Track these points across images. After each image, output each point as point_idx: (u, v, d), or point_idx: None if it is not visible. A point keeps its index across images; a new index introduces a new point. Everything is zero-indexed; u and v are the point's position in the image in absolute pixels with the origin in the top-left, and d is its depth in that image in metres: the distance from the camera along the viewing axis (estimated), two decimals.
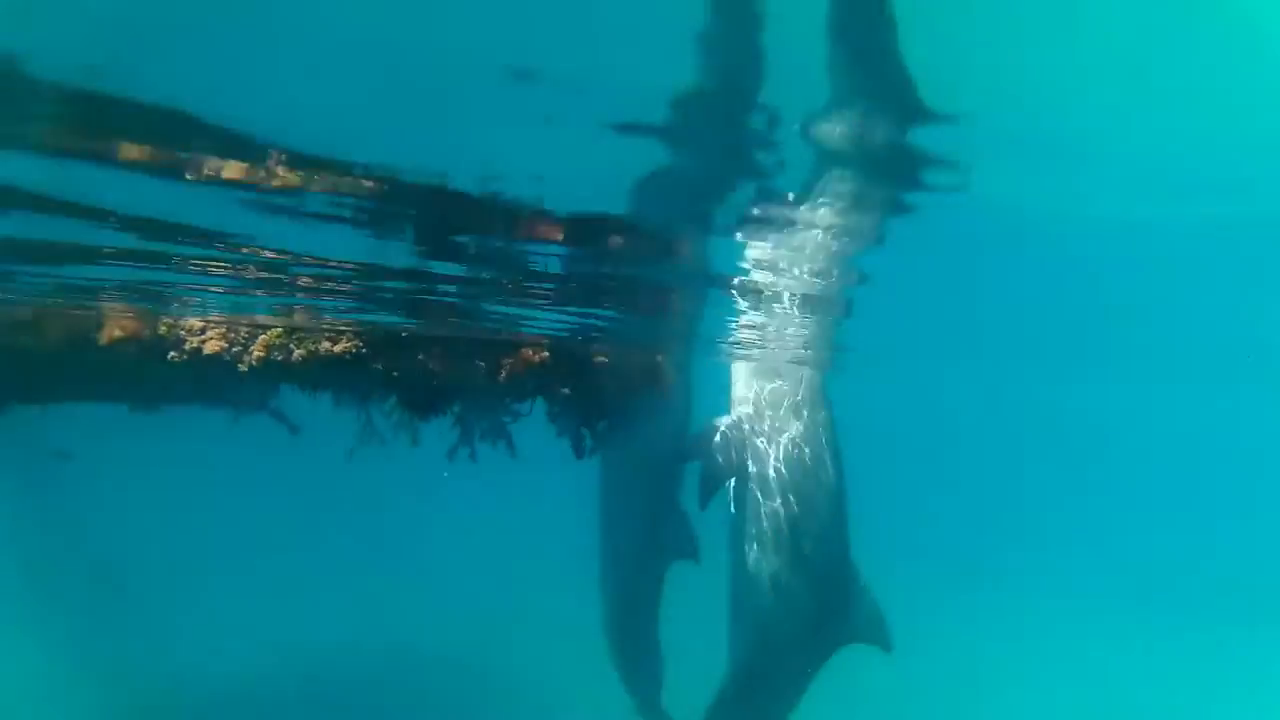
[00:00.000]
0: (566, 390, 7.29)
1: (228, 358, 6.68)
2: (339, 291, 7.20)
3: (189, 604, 20.38)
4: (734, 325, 9.10)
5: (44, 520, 21.80)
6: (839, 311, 8.67)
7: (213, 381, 9.09)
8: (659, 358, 8.29)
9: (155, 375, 7.25)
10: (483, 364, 6.76)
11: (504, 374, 6.75)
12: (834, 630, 8.39)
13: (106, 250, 5.85)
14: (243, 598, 21.08)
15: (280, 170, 4.16)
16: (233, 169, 4.16)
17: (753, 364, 9.48)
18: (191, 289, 7.14)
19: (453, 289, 7.05)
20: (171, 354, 6.77)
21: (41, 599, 18.28)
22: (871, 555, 9.03)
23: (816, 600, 8.34)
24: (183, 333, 6.76)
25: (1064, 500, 56.00)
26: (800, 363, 11.22)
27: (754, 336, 9.65)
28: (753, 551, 8.55)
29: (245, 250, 5.80)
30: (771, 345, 10.28)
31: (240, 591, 21.63)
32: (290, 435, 11.14)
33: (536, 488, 31.53)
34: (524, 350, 7.02)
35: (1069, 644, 26.56)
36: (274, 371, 6.72)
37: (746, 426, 8.61)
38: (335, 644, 18.88)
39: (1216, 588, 36.07)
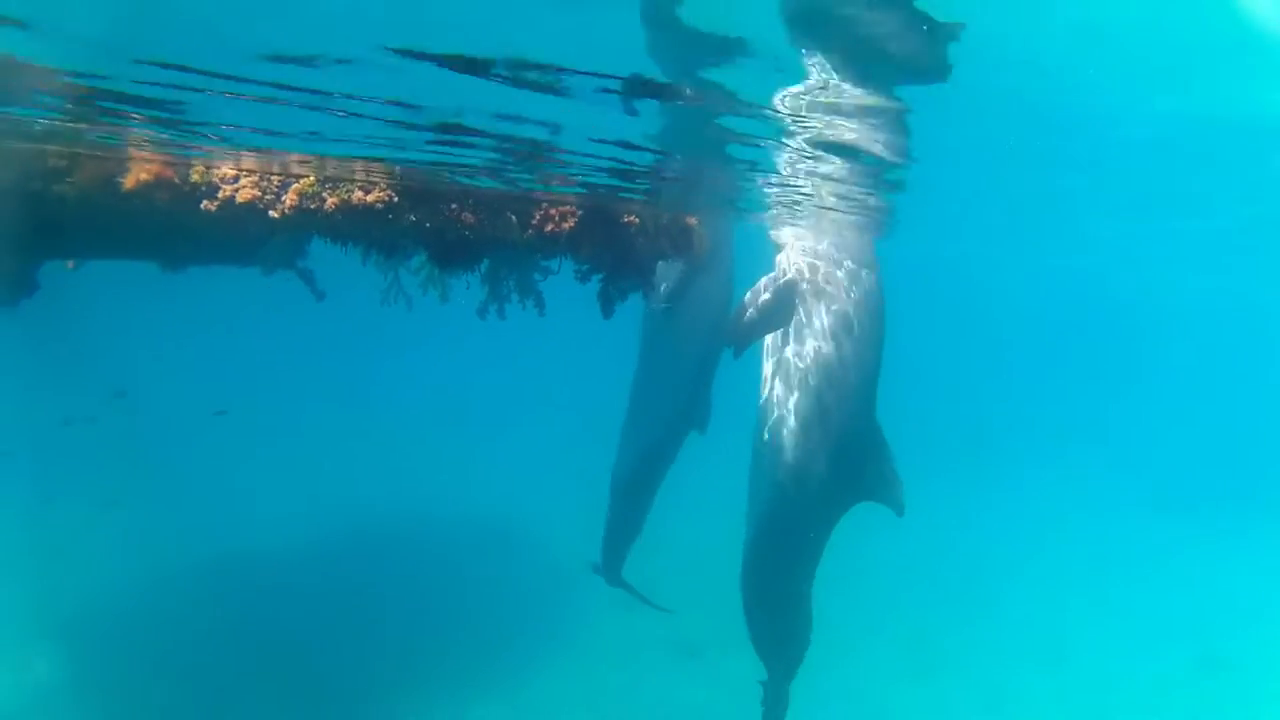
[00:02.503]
0: (596, 248, 7.30)
1: (260, 205, 6.68)
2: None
3: (220, 470, 21.09)
4: (779, 188, 9.02)
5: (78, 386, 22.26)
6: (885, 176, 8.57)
7: (244, 240, 9.16)
8: (691, 220, 8.24)
9: (186, 229, 7.29)
10: (514, 217, 6.75)
11: (534, 228, 6.74)
12: (850, 487, 8.63)
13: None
14: (272, 462, 21.80)
15: None
16: None
17: (801, 226, 9.50)
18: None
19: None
20: (205, 203, 6.78)
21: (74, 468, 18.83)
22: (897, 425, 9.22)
23: (837, 456, 8.57)
24: (216, 180, 6.75)
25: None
26: (850, 226, 11.23)
27: (800, 198, 9.58)
28: (781, 407, 8.75)
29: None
30: (818, 208, 10.22)
31: (269, 456, 22.34)
32: (317, 300, 11.28)
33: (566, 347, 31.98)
34: (553, 208, 7.00)
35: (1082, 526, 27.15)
36: (306, 221, 6.74)
37: (792, 281, 8.70)
38: (358, 505, 19.58)
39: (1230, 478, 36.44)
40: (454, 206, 6.66)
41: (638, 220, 7.35)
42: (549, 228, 6.85)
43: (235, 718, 12.16)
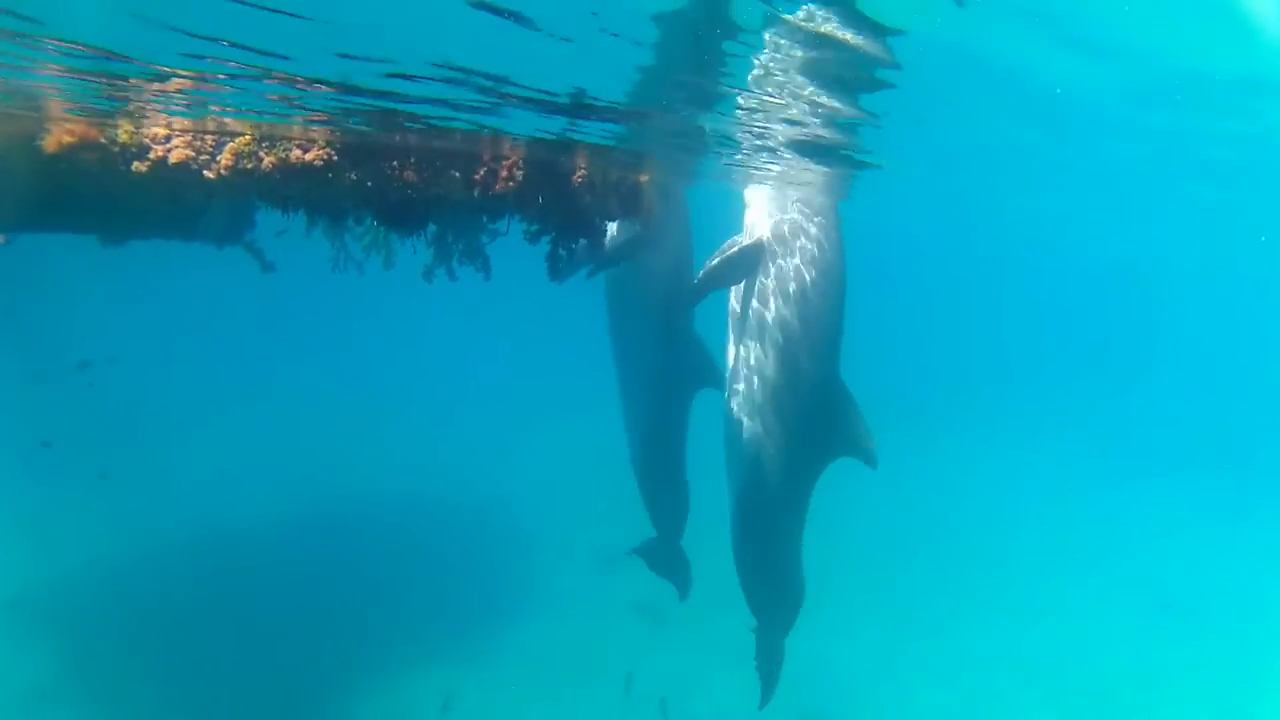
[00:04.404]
0: (543, 207, 7.17)
1: (195, 166, 6.47)
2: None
3: (192, 446, 20.76)
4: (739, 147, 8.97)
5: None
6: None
7: (185, 209, 8.89)
8: (641, 178, 8.14)
9: (119, 196, 7.05)
10: (459, 174, 6.60)
11: (480, 184, 6.60)
12: (823, 445, 8.68)
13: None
14: (244, 439, 21.47)
15: None
16: None
17: (765, 188, 9.47)
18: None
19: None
20: (135, 164, 6.54)
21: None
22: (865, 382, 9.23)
23: (807, 416, 8.62)
24: (146, 140, 6.51)
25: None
26: (816, 187, 11.22)
27: (761, 159, 9.54)
28: (749, 371, 8.77)
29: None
30: (780, 170, 10.18)
31: (241, 433, 22.01)
32: (263, 272, 11.02)
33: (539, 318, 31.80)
34: (500, 163, 6.85)
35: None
36: (243, 182, 6.53)
37: (756, 244, 8.69)
38: (335, 481, 19.38)
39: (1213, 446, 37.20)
40: (395, 164, 6.50)
41: (585, 174, 7.23)
42: (495, 185, 6.71)
43: (217, 689, 12.08)
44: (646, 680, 13.54)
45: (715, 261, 8.61)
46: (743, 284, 8.98)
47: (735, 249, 8.67)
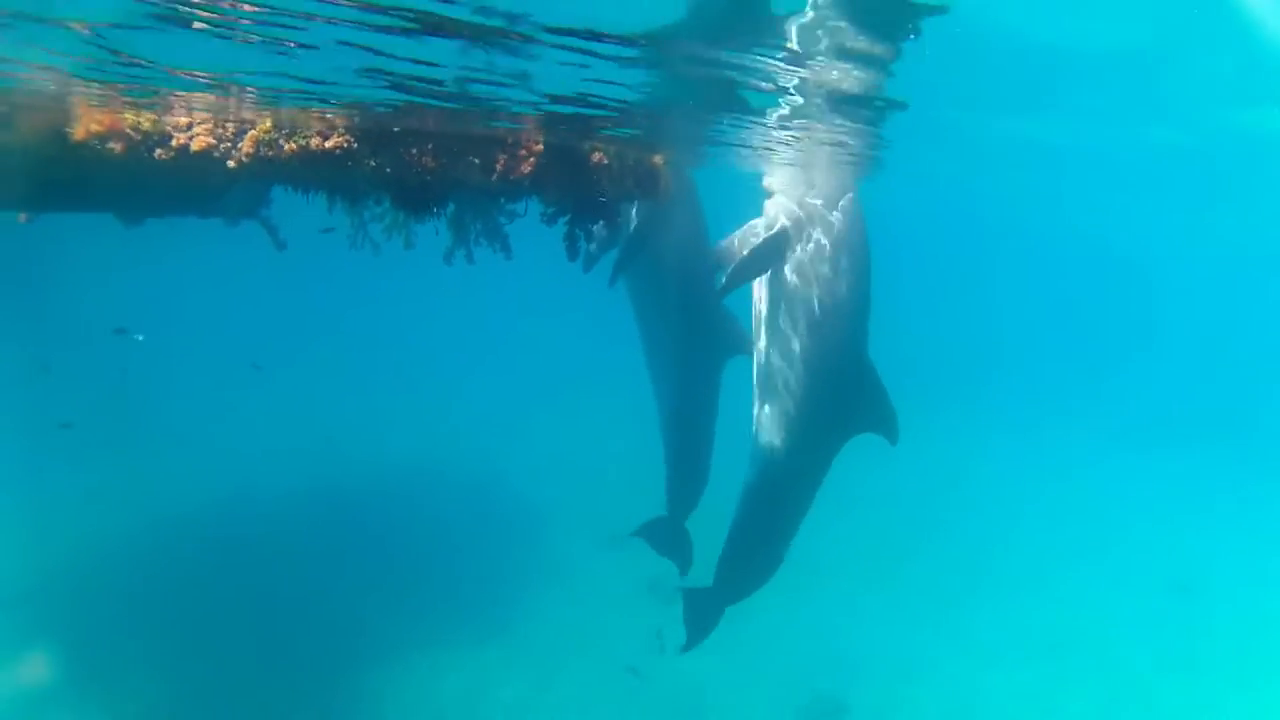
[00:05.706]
0: (560, 189, 7.22)
1: (216, 154, 6.53)
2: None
3: (201, 420, 20.95)
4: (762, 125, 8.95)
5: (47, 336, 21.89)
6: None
7: (204, 190, 8.96)
8: (656, 159, 8.17)
9: (143, 180, 7.12)
10: (477, 160, 6.65)
11: (498, 169, 6.65)
12: (846, 420, 8.83)
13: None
14: (251, 413, 21.66)
15: None
16: None
17: (784, 174, 9.52)
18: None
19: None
20: (158, 151, 6.61)
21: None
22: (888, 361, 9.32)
23: (833, 392, 8.76)
24: (169, 129, 6.57)
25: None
26: (837, 169, 11.21)
27: (780, 138, 9.52)
28: (776, 347, 8.90)
29: None
30: (800, 149, 10.15)
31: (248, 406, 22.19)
32: (276, 249, 11.10)
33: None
34: (517, 146, 6.89)
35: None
36: (263, 169, 6.60)
37: (780, 234, 8.75)
38: (340, 459, 19.55)
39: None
40: (414, 151, 6.55)
41: (602, 159, 7.27)
42: (513, 170, 6.76)
43: (225, 669, 12.25)
44: (658, 657, 13.76)
45: (741, 258, 8.71)
46: (768, 271, 9.08)
47: (758, 242, 8.75)
